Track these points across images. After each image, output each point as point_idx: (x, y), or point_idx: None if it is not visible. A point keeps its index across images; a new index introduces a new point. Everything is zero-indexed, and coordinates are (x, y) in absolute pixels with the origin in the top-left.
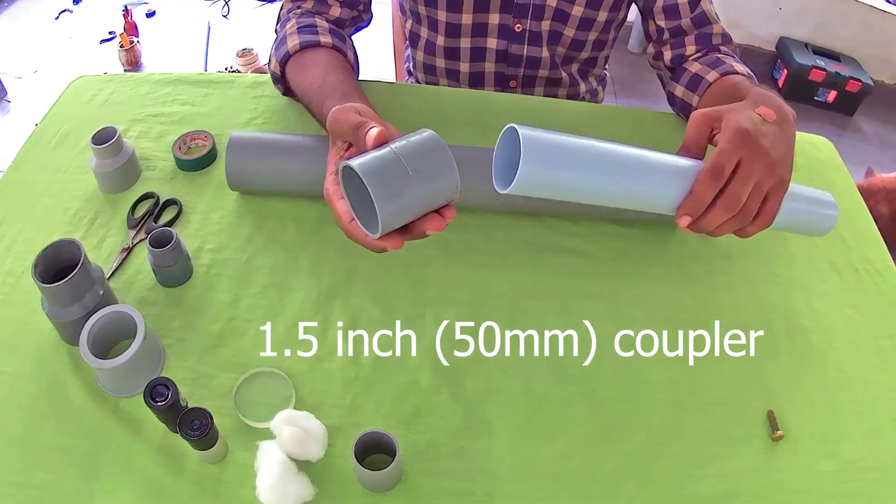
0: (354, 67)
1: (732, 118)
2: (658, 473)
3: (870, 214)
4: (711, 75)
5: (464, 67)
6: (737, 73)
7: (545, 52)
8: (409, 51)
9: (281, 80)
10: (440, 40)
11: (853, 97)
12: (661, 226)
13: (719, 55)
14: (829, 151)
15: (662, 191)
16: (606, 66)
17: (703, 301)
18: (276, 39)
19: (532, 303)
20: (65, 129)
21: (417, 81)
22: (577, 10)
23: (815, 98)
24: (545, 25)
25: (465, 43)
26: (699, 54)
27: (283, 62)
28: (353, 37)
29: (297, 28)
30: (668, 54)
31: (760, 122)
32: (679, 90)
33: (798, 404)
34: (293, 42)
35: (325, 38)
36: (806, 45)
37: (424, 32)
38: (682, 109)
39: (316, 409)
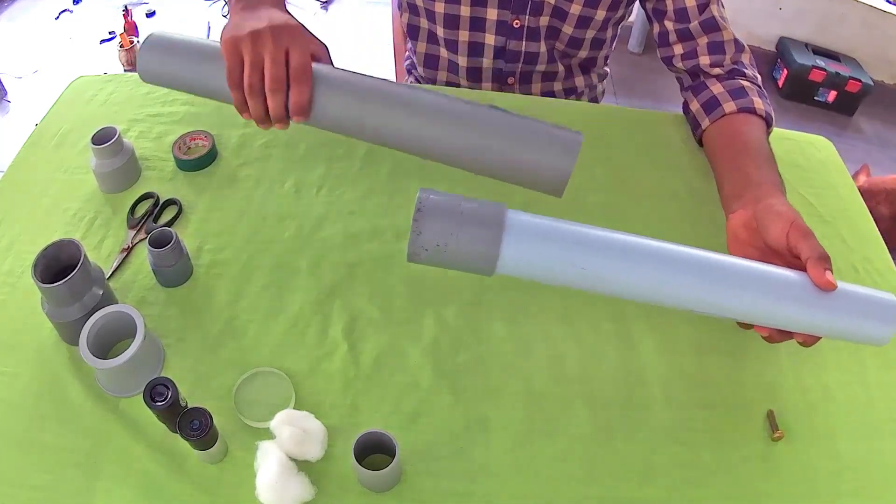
0: None
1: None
2: (658, 473)
3: (870, 215)
4: (729, 106)
5: (462, 61)
6: (755, 110)
7: (543, 47)
8: (409, 45)
9: None
10: (440, 31)
11: (853, 97)
12: (661, 227)
13: (744, 84)
14: (829, 151)
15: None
16: (607, 66)
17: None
18: None
19: (532, 302)
20: (65, 129)
21: (417, 79)
22: (576, 8)
23: (815, 98)
24: (543, 21)
25: (464, 36)
26: (720, 70)
27: None
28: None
29: None
30: (681, 64)
31: (798, 215)
32: (694, 105)
33: (798, 404)
34: None
35: None
36: (806, 45)
37: (424, 23)
38: (692, 126)
39: (316, 409)
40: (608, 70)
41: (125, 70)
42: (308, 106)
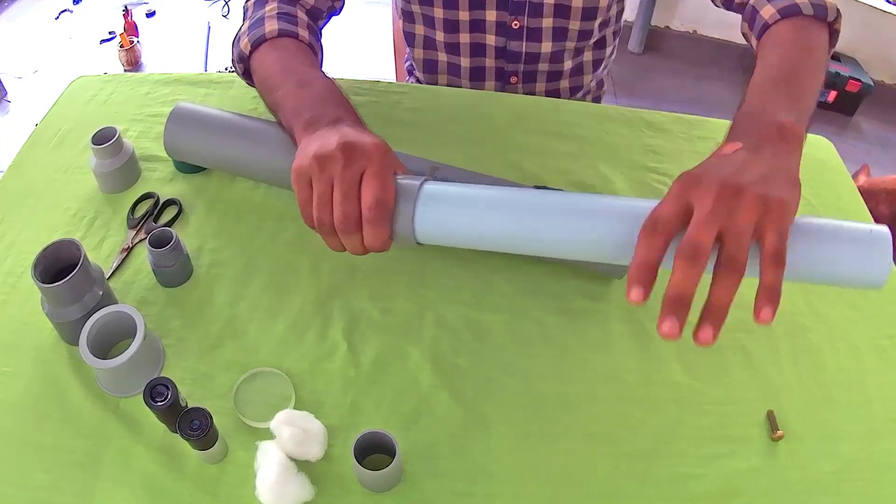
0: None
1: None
2: (658, 473)
3: (870, 215)
4: (767, 10)
5: (464, 62)
6: (799, 8)
7: (545, 48)
8: (407, 49)
9: (245, 61)
10: (440, 36)
11: (853, 97)
12: None
13: None
14: (829, 151)
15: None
16: (616, 41)
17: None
18: (250, 17)
19: (532, 302)
20: (65, 129)
21: (418, 81)
22: (578, 1)
23: None
24: (547, 22)
25: (465, 38)
26: None
27: (257, 44)
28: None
29: (278, 13)
30: None
31: (717, 160)
32: (744, 26)
33: (798, 404)
34: (272, 26)
35: (304, 33)
36: None
37: (420, 30)
38: (752, 53)
39: (316, 409)
40: (612, 56)
41: (125, 70)
42: (388, 244)
